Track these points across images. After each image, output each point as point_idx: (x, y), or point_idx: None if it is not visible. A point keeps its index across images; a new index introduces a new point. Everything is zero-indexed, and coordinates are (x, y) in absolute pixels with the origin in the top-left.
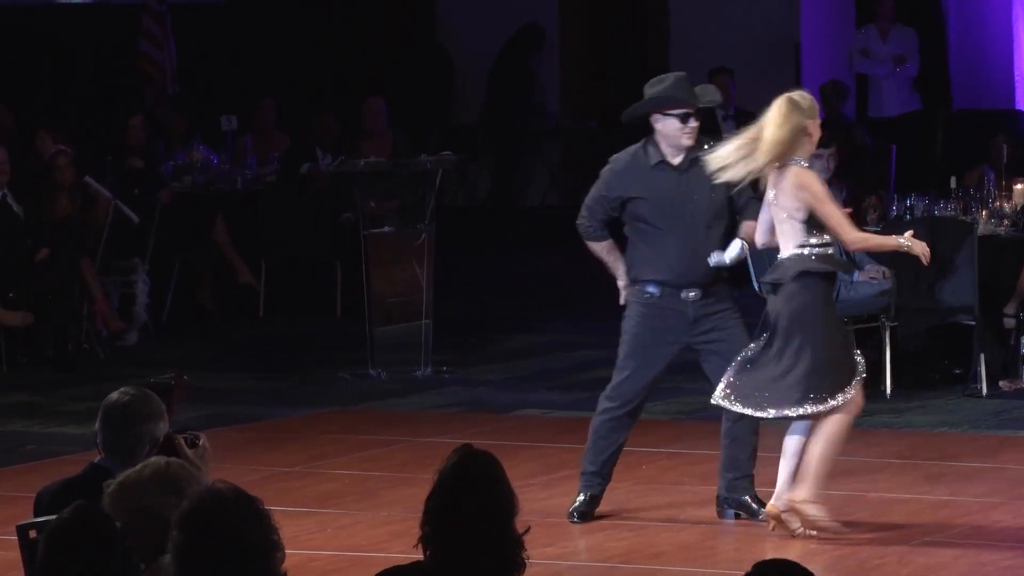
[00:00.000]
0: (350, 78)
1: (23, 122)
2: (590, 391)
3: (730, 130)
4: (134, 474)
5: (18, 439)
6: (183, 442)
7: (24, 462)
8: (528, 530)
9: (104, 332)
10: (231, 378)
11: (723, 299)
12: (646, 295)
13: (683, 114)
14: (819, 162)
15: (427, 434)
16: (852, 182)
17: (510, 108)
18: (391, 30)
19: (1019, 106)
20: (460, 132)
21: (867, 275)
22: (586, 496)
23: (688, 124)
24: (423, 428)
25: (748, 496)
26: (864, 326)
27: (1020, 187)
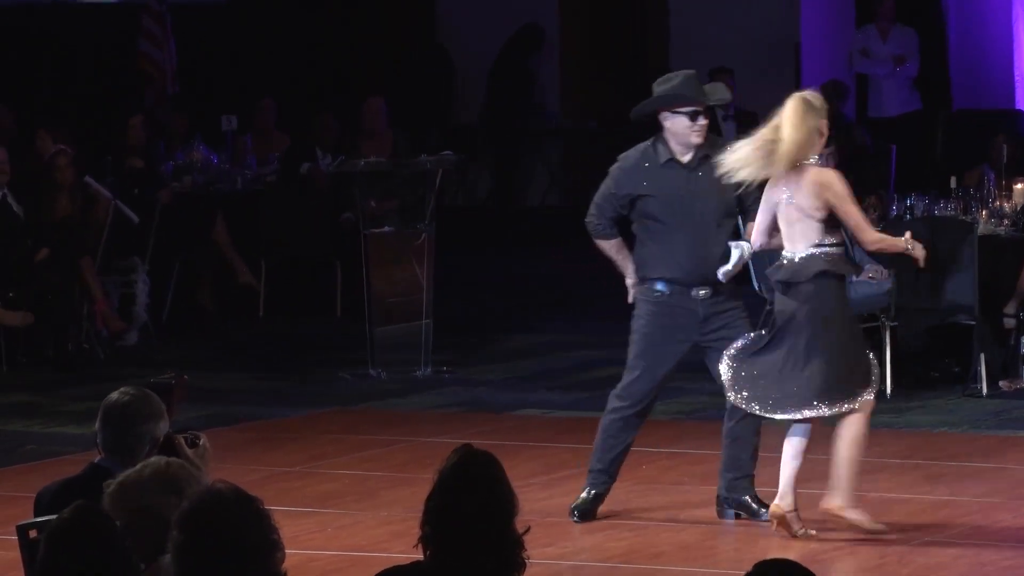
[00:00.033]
0: (350, 78)
1: (23, 122)
2: (590, 391)
3: (730, 130)
4: (134, 474)
5: (18, 439)
6: (183, 442)
7: (24, 462)
8: (528, 530)
9: (104, 332)
10: (231, 378)
11: (732, 297)
12: (656, 293)
13: (692, 112)
14: (819, 161)
15: (427, 434)
16: (852, 182)
17: (510, 108)
18: (391, 30)
19: (1019, 106)
20: (460, 132)
21: (866, 275)
22: (590, 494)
23: (697, 122)
24: (423, 428)
25: (748, 496)
26: (864, 326)
27: (1020, 187)
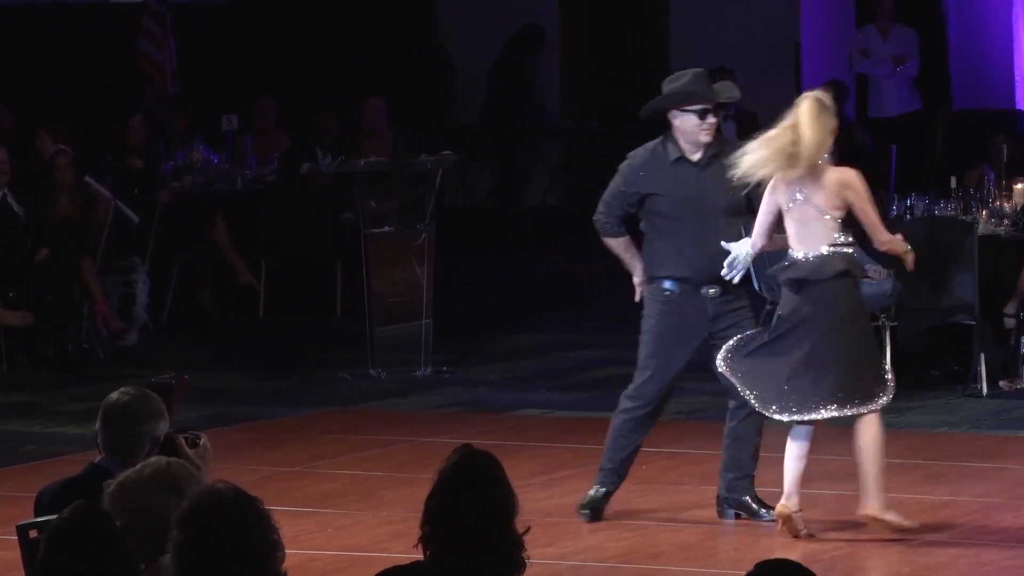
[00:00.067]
0: (350, 78)
1: (23, 122)
2: (590, 391)
3: (730, 130)
4: (134, 474)
5: (18, 439)
6: (183, 442)
7: (24, 462)
8: (528, 530)
9: (104, 332)
10: (231, 378)
11: (741, 296)
12: (665, 292)
13: (701, 110)
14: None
15: (427, 434)
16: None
17: (510, 108)
18: (391, 30)
19: (1019, 106)
20: (460, 132)
21: (865, 274)
22: (599, 492)
23: (706, 120)
24: (423, 428)
25: (748, 496)
26: None
27: (1020, 187)
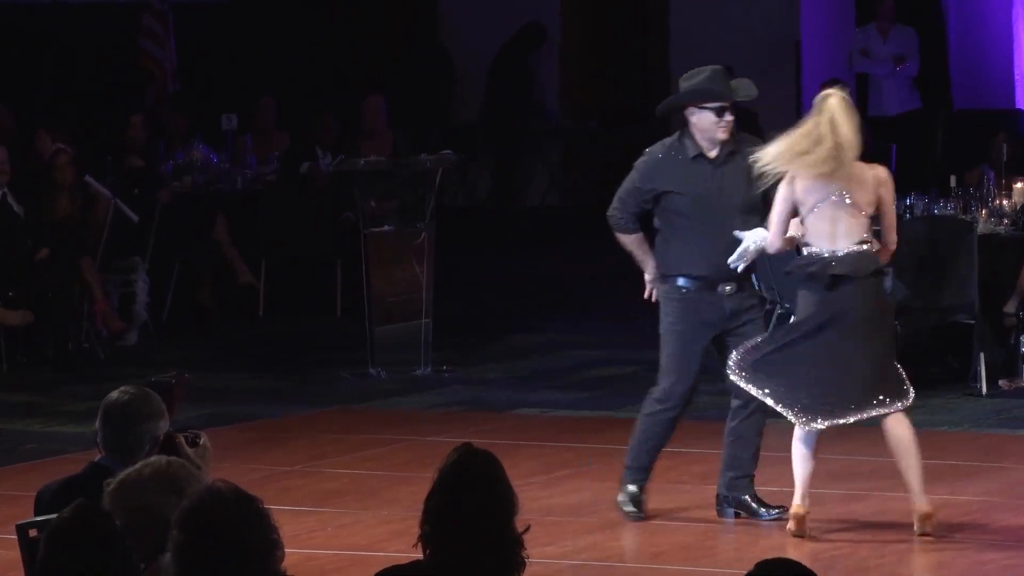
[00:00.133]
0: (350, 77)
1: (23, 122)
2: (590, 391)
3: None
4: (134, 473)
5: (18, 438)
6: (184, 441)
7: (24, 461)
8: (528, 529)
9: (104, 332)
10: (231, 378)
11: (754, 294)
12: (681, 290)
13: (719, 108)
14: None
15: (427, 433)
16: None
17: (509, 107)
18: (392, 29)
19: (1019, 105)
20: (460, 131)
21: None
22: (637, 490)
23: (724, 118)
24: (423, 427)
25: (748, 495)
26: None
27: (1020, 186)
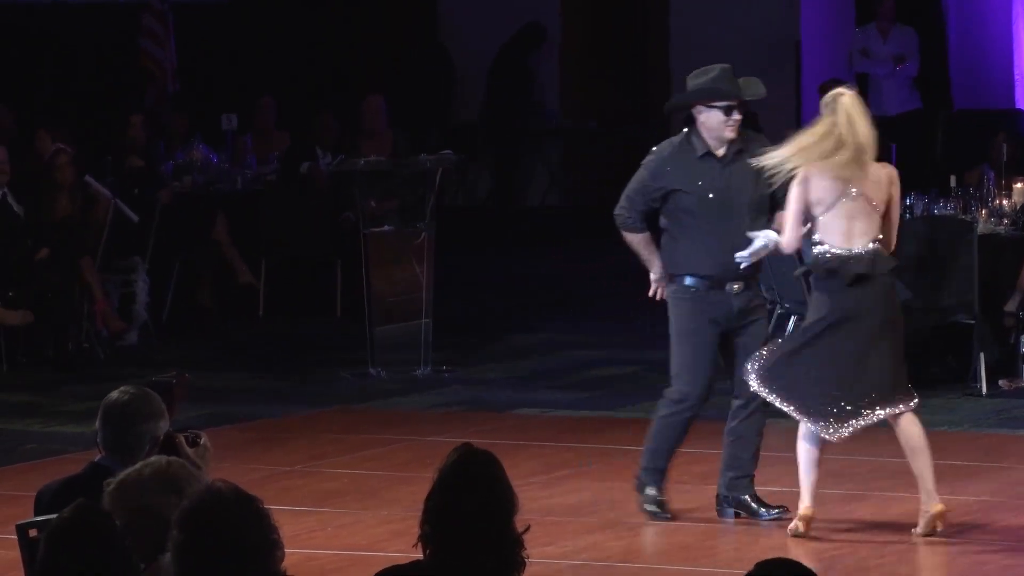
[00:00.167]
0: (350, 77)
1: (23, 122)
2: (590, 391)
3: None
4: (134, 473)
5: (18, 438)
6: (184, 441)
7: (24, 461)
8: (528, 529)
9: (104, 332)
10: (231, 378)
11: (760, 294)
12: (690, 289)
13: (727, 107)
14: None
15: (427, 433)
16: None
17: (509, 107)
18: (392, 29)
19: (1019, 105)
20: (460, 131)
21: None
22: (658, 492)
23: (732, 117)
24: (423, 427)
25: (748, 495)
26: None
27: (1020, 186)
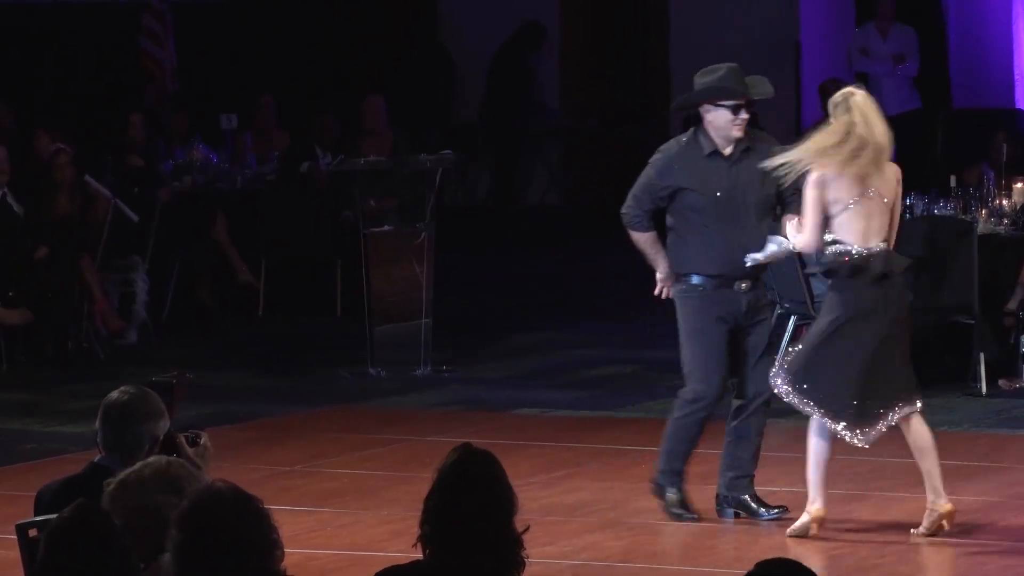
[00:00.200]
0: (350, 77)
1: (23, 121)
2: (589, 390)
3: None
4: (134, 473)
5: (18, 438)
6: (184, 441)
7: (24, 461)
8: (527, 529)
9: (104, 331)
10: (231, 377)
11: (766, 292)
12: (698, 288)
13: (734, 106)
14: None
15: (427, 433)
16: None
17: (509, 107)
18: (392, 29)
19: (1019, 105)
20: (460, 131)
21: None
22: (677, 491)
23: (739, 116)
24: (423, 427)
25: (748, 495)
26: None
27: (1020, 186)
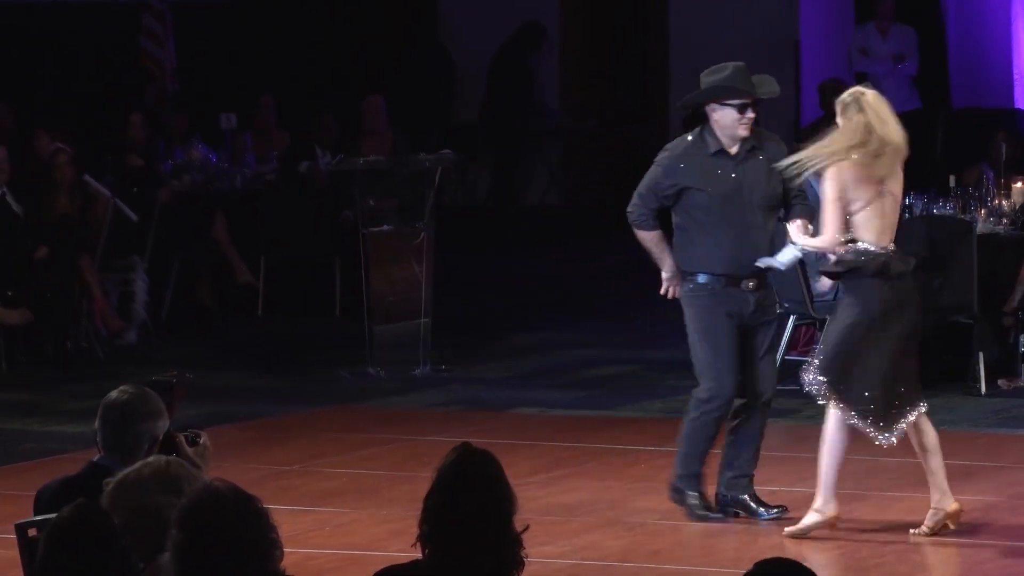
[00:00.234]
0: (350, 76)
1: (23, 121)
2: (589, 390)
3: None
4: (134, 473)
5: (17, 437)
6: (184, 440)
7: (23, 461)
8: (527, 528)
9: (103, 331)
10: (230, 377)
11: (773, 292)
12: (705, 287)
13: (741, 105)
14: None
15: (426, 432)
16: None
17: (509, 107)
18: (392, 29)
19: (1018, 105)
20: (460, 131)
21: None
22: (698, 494)
23: (745, 115)
24: (422, 426)
25: (747, 495)
26: None
27: (1019, 186)
